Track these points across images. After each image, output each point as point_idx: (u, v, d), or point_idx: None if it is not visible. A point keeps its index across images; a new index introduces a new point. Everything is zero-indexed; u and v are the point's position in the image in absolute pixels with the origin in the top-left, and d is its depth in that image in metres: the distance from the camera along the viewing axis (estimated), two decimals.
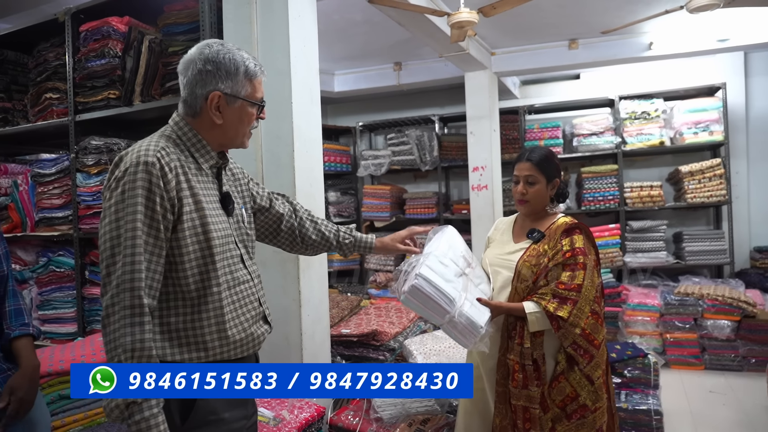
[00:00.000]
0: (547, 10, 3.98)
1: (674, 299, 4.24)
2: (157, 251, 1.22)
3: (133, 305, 1.16)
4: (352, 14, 3.97)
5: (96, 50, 2.59)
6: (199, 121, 1.35)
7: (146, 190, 1.20)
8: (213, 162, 1.39)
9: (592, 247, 1.88)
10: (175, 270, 1.26)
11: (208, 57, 1.32)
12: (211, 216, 1.31)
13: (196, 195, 1.29)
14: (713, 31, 4.35)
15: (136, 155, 1.23)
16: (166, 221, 1.23)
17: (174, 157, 1.28)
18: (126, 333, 1.15)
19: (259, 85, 1.40)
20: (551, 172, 1.96)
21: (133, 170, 1.21)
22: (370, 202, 5.80)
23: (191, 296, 1.27)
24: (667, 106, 5.02)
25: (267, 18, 2.23)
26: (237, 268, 1.38)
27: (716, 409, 3.46)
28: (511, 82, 5.58)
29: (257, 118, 1.43)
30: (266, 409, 2.04)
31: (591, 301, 1.77)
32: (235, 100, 1.35)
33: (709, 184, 4.79)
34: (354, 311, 3.20)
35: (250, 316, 1.39)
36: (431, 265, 1.72)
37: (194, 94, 1.33)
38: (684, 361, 4.18)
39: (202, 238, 1.28)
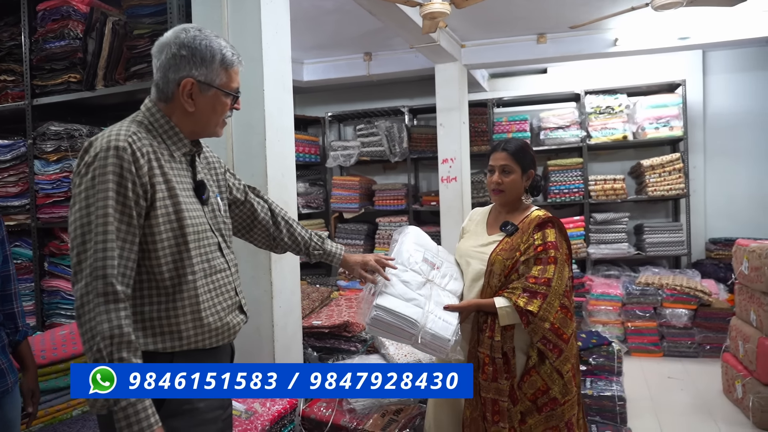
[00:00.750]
0: (516, 4, 4.01)
1: (635, 289, 4.38)
2: (129, 238, 1.19)
3: (107, 292, 1.14)
4: (323, 2, 3.92)
5: (55, 31, 2.47)
6: (171, 107, 1.33)
7: (117, 175, 1.18)
8: (186, 149, 1.36)
9: (564, 241, 1.90)
10: (149, 258, 1.24)
11: (183, 42, 1.28)
12: (185, 203, 1.29)
13: (169, 182, 1.27)
14: (675, 30, 4.47)
15: (107, 140, 1.20)
16: (139, 207, 1.21)
17: (146, 142, 1.25)
18: (103, 320, 1.12)
19: (235, 75, 1.37)
20: (527, 162, 1.97)
21: (104, 155, 1.18)
22: (338, 194, 5.76)
23: (165, 285, 1.25)
24: (630, 101, 5.15)
25: (238, 3, 2.17)
26: (214, 256, 1.36)
27: (674, 394, 3.60)
28: (480, 74, 5.62)
29: (231, 108, 1.40)
30: (237, 402, 2.00)
31: (560, 296, 1.80)
32: (208, 89, 1.31)
33: (669, 178, 4.95)
34: (324, 303, 3.18)
35: (227, 305, 1.37)
36: (390, 290, 1.74)
37: (166, 79, 1.30)
38: (644, 349, 4.33)
39: (176, 225, 1.26)
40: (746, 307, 3.28)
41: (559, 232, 1.90)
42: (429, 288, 1.83)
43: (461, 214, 4.81)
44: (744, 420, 3.13)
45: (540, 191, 2.08)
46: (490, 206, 2.14)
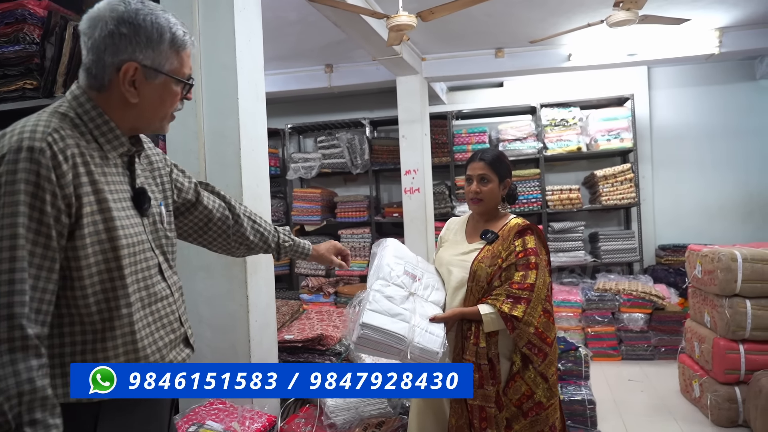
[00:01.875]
0: (476, 19, 4.11)
1: (594, 295, 4.53)
2: (47, 265, 0.95)
3: (13, 337, 0.90)
4: (286, 13, 3.89)
5: (8, 35, 2.32)
6: (106, 96, 1.09)
7: (32, 185, 0.94)
8: (123, 149, 1.12)
9: (543, 248, 1.95)
10: (71, 288, 1.00)
11: (123, 16, 1.05)
12: (119, 218, 1.06)
13: (99, 192, 1.04)
14: (624, 46, 4.71)
15: (18, 138, 0.96)
16: (59, 226, 0.97)
17: (71, 142, 1.01)
18: (7, 374, 0.89)
19: (187, 59, 1.15)
20: (503, 171, 2.01)
21: (13, 158, 0.94)
22: (300, 206, 5.70)
23: (92, 320, 1.02)
24: (583, 114, 5.36)
25: (210, 9, 2.12)
26: (154, 281, 1.14)
27: (636, 396, 3.73)
28: (439, 87, 5.71)
29: (182, 98, 1.18)
30: (214, 421, 1.92)
31: (543, 300, 1.84)
32: (156, 75, 1.09)
33: (621, 188, 5.17)
34: (295, 316, 3.11)
35: (169, 341, 1.17)
36: (375, 306, 1.72)
37: (101, 63, 1.06)
38: (604, 353, 4.47)
39: (107, 246, 1.03)
40: (700, 309, 3.44)
41: (538, 239, 1.94)
42: (413, 301, 1.82)
43: (425, 224, 4.84)
44: (702, 418, 3.27)
45: (516, 199, 2.12)
46: (467, 215, 2.17)
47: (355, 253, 5.53)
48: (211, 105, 2.12)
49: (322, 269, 5.60)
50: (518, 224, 1.97)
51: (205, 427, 1.88)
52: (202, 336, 2.15)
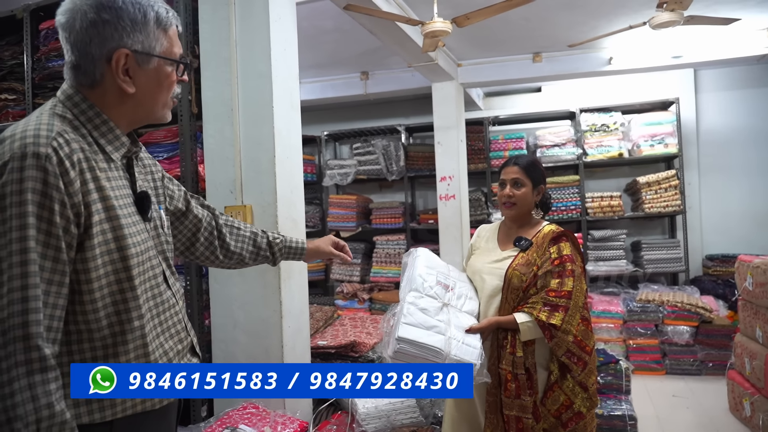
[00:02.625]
0: (513, 23, 4.06)
1: (636, 306, 4.37)
2: (57, 279, 0.90)
3: (31, 359, 0.85)
4: (323, 22, 3.94)
5: (58, 50, 2.44)
6: (100, 92, 1.01)
7: (39, 194, 0.87)
8: (124, 150, 1.06)
9: (578, 255, 1.89)
10: (80, 302, 0.95)
11: (100, 2, 0.97)
12: (127, 225, 1.01)
13: (106, 198, 0.98)
14: (668, 48, 4.55)
15: (20, 143, 0.89)
16: (69, 237, 0.91)
17: (76, 146, 0.94)
18: (26, 399, 0.84)
19: (175, 37, 1.08)
20: (537, 177, 1.98)
21: (18, 165, 0.87)
22: (335, 212, 5.73)
23: (103, 335, 0.97)
24: (625, 119, 5.21)
25: (246, 20, 2.16)
26: (161, 290, 1.09)
27: (681, 413, 3.57)
28: (475, 93, 5.66)
29: (178, 81, 1.11)
30: (247, 426, 1.94)
31: (581, 308, 1.79)
32: (148, 59, 1.02)
33: (665, 195, 4.99)
34: (329, 322, 3.12)
35: (178, 350, 1.13)
36: (410, 319, 1.69)
37: (89, 56, 0.98)
38: (646, 367, 4.30)
39: (117, 257, 0.98)
40: (751, 323, 3.27)
41: (573, 246, 1.89)
42: (447, 312, 1.79)
43: (460, 231, 4.79)
44: None
45: (549, 207, 2.07)
46: (498, 223, 2.14)
47: (390, 260, 5.52)
48: (246, 113, 2.16)
49: (357, 275, 5.61)
50: (552, 231, 1.92)
51: (237, 431, 1.90)
52: (236, 340, 2.18)
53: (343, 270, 5.70)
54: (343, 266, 5.71)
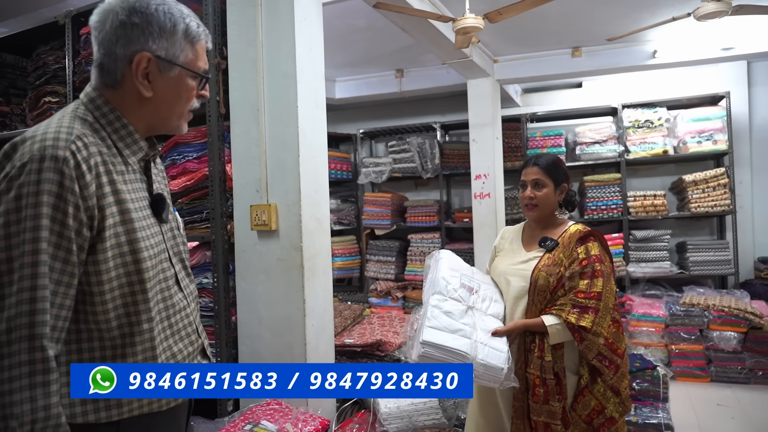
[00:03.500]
0: (551, 18, 3.95)
1: (680, 310, 4.19)
2: (65, 280, 0.91)
3: (34, 360, 0.87)
4: (355, 20, 3.94)
5: None
6: (120, 94, 1.04)
7: (55, 196, 0.89)
8: (142, 154, 1.08)
9: (607, 255, 1.83)
10: (91, 303, 0.96)
11: (134, 6, 1.01)
12: (141, 229, 1.02)
13: (122, 202, 0.99)
14: (717, 40, 4.33)
15: (40, 146, 0.91)
16: (80, 239, 0.93)
17: (94, 150, 0.96)
18: (24, 399, 0.86)
19: (202, 52, 1.10)
20: (559, 176, 1.93)
21: (36, 167, 0.89)
22: (370, 210, 5.75)
23: (112, 335, 0.98)
24: (670, 114, 4.99)
25: (272, 21, 2.18)
26: (172, 293, 1.10)
27: (725, 423, 3.39)
28: (513, 89, 5.55)
29: (198, 95, 1.12)
30: (269, 422, 1.97)
31: (611, 309, 1.73)
32: (170, 67, 1.04)
33: (713, 194, 4.75)
34: (357, 321, 3.13)
35: (188, 353, 1.13)
36: (434, 323, 1.66)
37: (113, 56, 1.01)
38: (690, 373, 4.12)
39: (129, 260, 0.99)
40: None
41: (602, 246, 1.84)
42: (471, 315, 1.76)
43: (495, 230, 4.71)
44: None
45: (575, 206, 2.01)
46: (523, 224, 2.09)
47: (424, 258, 5.48)
48: (272, 113, 2.18)
49: (392, 273, 5.61)
50: (579, 230, 1.86)
51: (260, 427, 1.93)
52: (261, 337, 2.22)
53: (377, 268, 5.71)
54: (377, 264, 5.72)
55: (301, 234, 2.13)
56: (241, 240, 2.27)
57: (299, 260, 2.13)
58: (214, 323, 2.28)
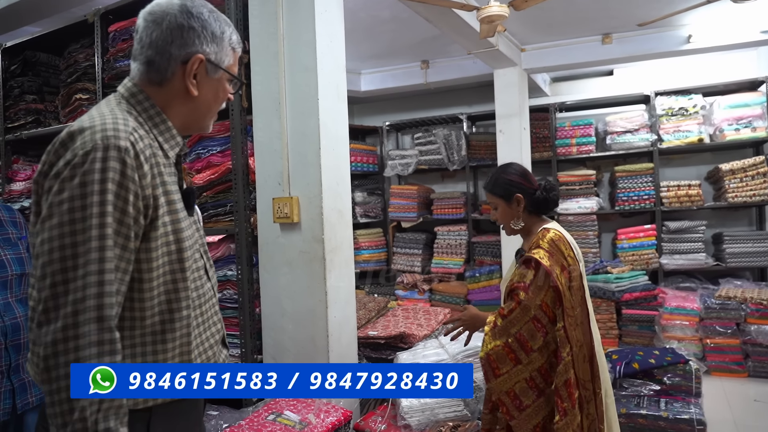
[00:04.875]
0: (579, 4, 3.85)
1: (715, 303, 4.06)
2: (123, 266, 0.95)
3: (103, 341, 0.91)
4: (379, 11, 3.92)
5: (125, 50, 2.59)
6: (165, 91, 1.09)
7: (117, 184, 0.93)
8: (179, 149, 1.13)
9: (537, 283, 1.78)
10: (139, 290, 1.00)
11: (191, 11, 1.07)
12: (182, 219, 1.07)
13: (168, 193, 1.04)
14: (755, 23, 4.14)
15: (102, 135, 0.94)
16: (137, 227, 0.97)
17: (147, 142, 1.02)
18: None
19: (237, 59, 1.19)
20: (505, 191, 1.94)
21: (102, 156, 0.92)
22: (397, 203, 5.74)
23: (153, 321, 1.03)
24: (706, 101, 4.81)
25: (293, 14, 2.19)
26: (203, 282, 1.15)
27: (762, 420, 3.29)
28: (541, 79, 5.44)
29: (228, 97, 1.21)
30: (292, 412, 1.99)
31: (510, 335, 1.78)
32: (216, 70, 1.12)
33: (752, 183, 4.57)
34: (381, 313, 3.13)
35: (214, 341, 1.18)
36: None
37: (167, 55, 1.06)
38: (726, 368, 4.00)
39: (174, 248, 1.04)
40: None
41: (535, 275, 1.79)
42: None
43: None
44: None
45: (550, 204, 1.97)
46: None
47: (451, 251, 5.46)
48: (293, 106, 2.19)
49: (418, 265, 5.59)
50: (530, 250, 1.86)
51: (282, 417, 1.96)
52: (284, 329, 2.24)
53: (404, 260, 5.70)
54: (404, 256, 5.72)
55: (322, 226, 2.14)
56: (264, 232, 2.29)
57: (321, 252, 2.14)
58: (238, 315, 2.31)
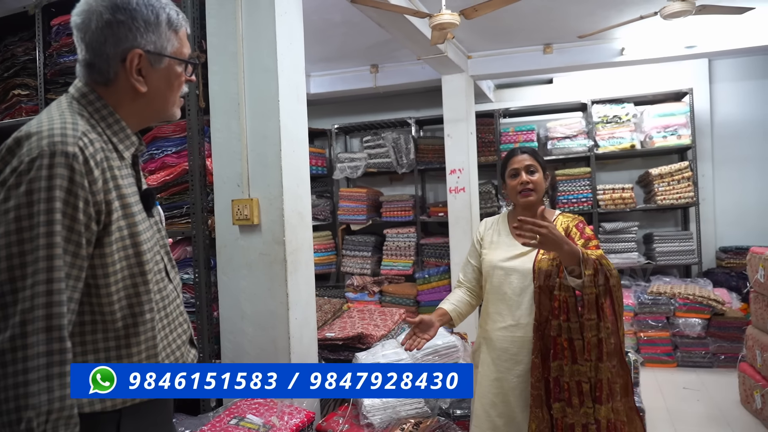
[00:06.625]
0: (523, 15, 4.03)
1: (647, 298, 4.35)
2: (75, 273, 0.93)
3: (52, 351, 0.88)
4: (331, 15, 3.94)
5: (69, 45, 2.48)
6: (113, 91, 1.05)
7: (65, 191, 0.90)
8: (134, 149, 1.10)
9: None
10: (97, 295, 0.98)
11: (116, 3, 1.01)
12: (139, 222, 1.05)
13: (123, 197, 1.02)
14: (681, 38, 4.48)
15: (49, 141, 0.91)
16: (89, 233, 0.94)
17: (98, 146, 0.98)
18: (41, 390, 0.86)
19: (184, 38, 1.12)
20: (544, 163, 2.01)
21: (48, 163, 0.90)
22: (346, 205, 5.75)
23: (116, 326, 1.01)
24: (637, 110, 5.15)
25: (253, 14, 2.17)
26: (165, 284, 1.13)
27: (691, 406, 3.55)
28: (486, 85, 5.63)
29: (186, 80, 1.15)
30: (254, 415, 1.97)
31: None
32: (160, 59, 1.06)
33: (678, 187, 4.93)
34: (337, 315, 3.15)
35: (181, 342, 1.17)
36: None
37: (103, 55, 1.01)
38: (657, 359, 4.28)
39: (131, 252, 1.02)
40: (763, 315, 3.24)
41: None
42: None
43: (470, 224, 4.79)
44: (765, 431, 3.07)
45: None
46: (503, 215, 2.08)
47: (400, 253, 5.54)
48: (253, 107, 2.18)
49: (368, 268, 5.63)
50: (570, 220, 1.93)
51: (246, 420, 1.93)
52: (243, 332, 2.22)
53: (353, 263, 5.73)
54: (354, 259, 5.74)
55: (283, 228, 2.13)
56: (223, 235, 2.26)
57: (282, 254, 2.13)
58: (195, 319, 2.26)
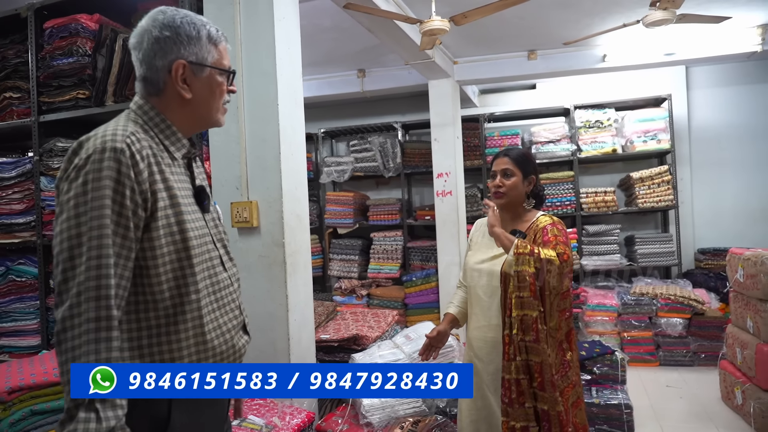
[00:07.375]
0: (508, 22, 4.11)
1: (630, 299, 4.45)
2: (125, 253, 1.05)
3: (99, 317, 1.00)
4: (321, 20, 3.98)
5: (63, 48, 2.46)
6: (164, 100, 1.20)
7: (114, 181, 1.04)
8: (185, 150, 1.24)
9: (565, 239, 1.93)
10: (147, 276, 1.10)
11: (163, 23, 1.17)
12: (187, 213, 1.16)
13: (170, 189, 1.14)
14: (660, 46, 4.63)
15: (101, 140, 1.07)
16: (137, 218, 1.07)
17: (145, 144, 1.12)
18: (90, 351, 0.97)
19: (224, 52, 1.26)
20: (527, 168, 2.02)
21: (98, 157, 1.04)
22: (333, 209, 5.77)
23: (165, 305, 1.11)
24: (618, 115, 5.28)
25: (251, 19, 2.20)
26: (217, 271, 1.24)
27: (674, 403, 3.65)
28: (471, 90, 5.72)
29: (228, 90, 1.27)
30: (255, 416, 1.99)
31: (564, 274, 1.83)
32: (202, 69, 1.20)
33: (658, 190, 5.07)
34: (330, 317, 3.17)
35: (232, 326, 1.25)
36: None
37: (154, 68, 1.17)
38: (640, 358, 4.39)
39: (178, 238, 1.13)
40: (742, 314, 3.35)
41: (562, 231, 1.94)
42: None
43: (457, 227, 4.85)
44: (745, 426, 3.18)
45: (542, 200, 2.10)
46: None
47: (387, 256, 5.57)
48: (252, 111, 2.20)
49: (355, 271, 5.65)
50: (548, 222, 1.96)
51: (247, 421, 1.95)
52: None
53: (341, 266, 5.74)
54: (341, 262, 5.76)
55: (283, 230, 2.16)
56: None
57: (282, 256, 2.16)
58: None
